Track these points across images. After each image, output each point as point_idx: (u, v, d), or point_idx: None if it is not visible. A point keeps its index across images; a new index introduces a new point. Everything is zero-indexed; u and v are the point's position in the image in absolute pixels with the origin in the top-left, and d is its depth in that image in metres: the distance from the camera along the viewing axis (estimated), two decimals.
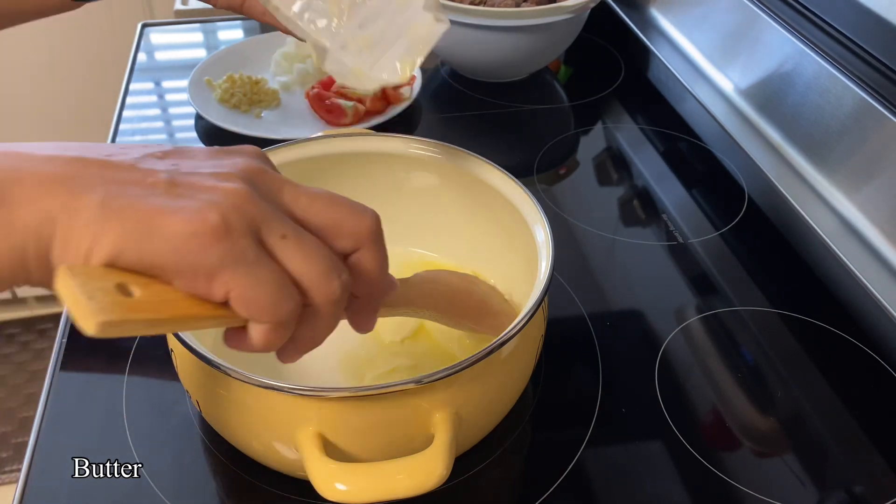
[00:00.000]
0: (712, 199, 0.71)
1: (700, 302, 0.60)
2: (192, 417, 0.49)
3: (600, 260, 0.64)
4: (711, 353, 0.55)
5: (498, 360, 0.41)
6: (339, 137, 0.54)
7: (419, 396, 0.38)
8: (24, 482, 0.45)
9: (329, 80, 0.82)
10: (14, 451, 1.42)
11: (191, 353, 0.38)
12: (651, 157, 0.77)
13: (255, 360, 0.50)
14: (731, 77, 0.76)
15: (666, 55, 0.85)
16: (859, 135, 0.59)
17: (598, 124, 0.83)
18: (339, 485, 0.35)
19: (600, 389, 0.52)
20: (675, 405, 0.51)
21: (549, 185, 0.72)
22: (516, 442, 0.48)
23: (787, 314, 0.58)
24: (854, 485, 0.47)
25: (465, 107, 0.85)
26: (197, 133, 0.78)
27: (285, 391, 0.36)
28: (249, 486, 0.45)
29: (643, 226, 0.68)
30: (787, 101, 0.67)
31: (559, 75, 0.94)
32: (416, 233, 0.58)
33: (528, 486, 0.46)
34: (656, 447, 0.48)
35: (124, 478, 0.45)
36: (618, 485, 0.46)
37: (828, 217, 0.60)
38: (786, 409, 0.51)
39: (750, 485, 0.46)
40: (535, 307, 0.40)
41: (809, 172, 0.64)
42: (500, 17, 0.77)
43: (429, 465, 0.36)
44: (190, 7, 1.04)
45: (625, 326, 0.57)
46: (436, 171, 0.54)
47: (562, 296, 0.59)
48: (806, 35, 0.66)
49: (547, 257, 0.44)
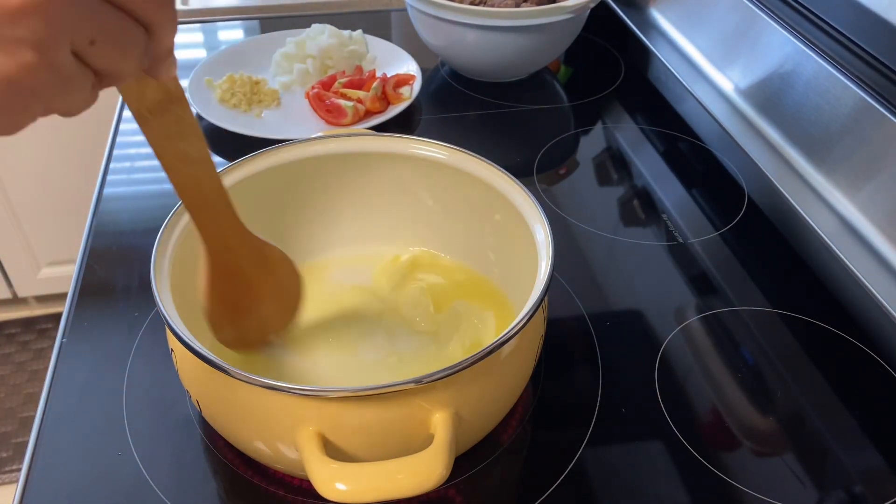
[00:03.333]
0: (712, 199, 0.71)
1: (700, 302, 0.60)
2: (192, 417, 0.49)
3: (600, 260, 0.64)
4: (711, 353, 0.55)
5: (498, 360, 0.41)
6: (339, 137, 0.54)
7: (419, 396, 0.38)
8: (24, 482, 0.45)
9: (329, 80, 0.82)
10: (14, 451, 1.42)
11: (191, 353, 0.38)
12: (651, 157, 0.77)
13: (255, 360, 0.50)
14: (731, 77, 0.76)
15: (666, 55, 0.85)
16: (859, 135, 0.59)
17: (598, 124, 0.83)
18: (339, 485, 0.35)
19: (600, 389, 0.52)
20: (675, 405, 0.51)
21: (549, 185, 0.72)
22: (516, 442, 0.48)
23: (787, 314, 0.58)
24: (854, 485, 0.47)
25: (465, 107, 0.85)
26: None
27: (285, 391, 0.36)
28: (249, 486, 0.45)
29: (643, 226, 0.68)
30: (787, 101, 0.67)
31: (559, 75, 0.94)
32: (416, 233, 0.58)
33: (528, 486, 0.46)
34: (656, 447, 0.48)
35: (124, 477, 0.45)
36: (618, 485, 0.46)
37: (828, 217, 0.60)
38: (786, 409, 0.51)
39: (750, 485, 0.46)
40: (535, 307, 0.40)
41: (809, 172, 0.64)
42: (500, 17, 0.78)
43: (429, 465, 0.36)
44: (190, 7, 1.04)
45: (625, 326, 0.57)
46: (436, 171, 0.54)
47: (562, 296, 0.59)
48: (806, 35, 0.66)
49: (547, 257, 0.44)
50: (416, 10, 0.83)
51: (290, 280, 0.48)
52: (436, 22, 0.82)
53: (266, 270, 0.46)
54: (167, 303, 0.41)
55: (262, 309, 0.47)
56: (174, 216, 0.46)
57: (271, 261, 0.46)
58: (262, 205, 0.53)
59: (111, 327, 0.55)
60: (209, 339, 0.50)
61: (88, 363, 0.52)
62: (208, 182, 0.40)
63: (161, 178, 0.73)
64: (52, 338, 1.63)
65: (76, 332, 0.55)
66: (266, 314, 0.48)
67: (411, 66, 0.85)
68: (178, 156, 0.38)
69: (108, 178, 0.71)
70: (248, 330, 0.47)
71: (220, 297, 0.44)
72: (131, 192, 0.70)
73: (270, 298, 0.47)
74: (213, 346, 0.50)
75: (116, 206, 0.68)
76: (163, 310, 0.40)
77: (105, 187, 0.70)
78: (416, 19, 0.86)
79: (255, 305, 0.47)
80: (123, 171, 0.73)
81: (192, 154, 0.38)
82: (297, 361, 0.50)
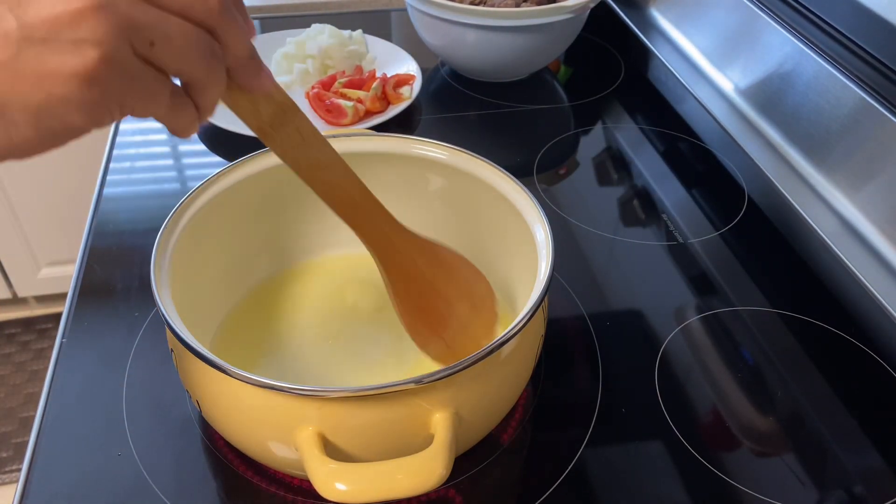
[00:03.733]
0: (712, 199, 0.71)
1: (700, 302, 0.60)
2: (192, 417, 0.49)
3: (600, 260, 0.64)
4: (711, 353, 0.55)
5: (498, 360, 0.41)
6: (339, 137, 0.54)
7: (419, 396, 0.38)
8: (24, 482, 0.45)
9: (329, 80, 0.82)
10: (14, 451, 1.42)
11: (191, 353, 0.38)
12: (651, 157, 0.77)
13: (255, 360, 0.50)
14: (731, 77, 0.76)
15: (666, 55, 0.85)
16: (859, 135, 0.59)
17: (598, 124, 0.83)
18: (339, 485, 0.35)
19: (600, 389, 0.52)
20: (675, 405, 0.51)
21: (549, 185, 0.72)
22: (516, 442, 0.48)
23: (787, 314, 0.58)
24: (854, 485, 0.47)
25: (465, 107, 0.85)
26: (197, 133, 0.78)
27: (285, 391, 0.36)
28: (249, 486, 0.45)
29: (643, 226, 0.68)
30: (787, 101, 0.67)
31: (559, 75, 0.94)
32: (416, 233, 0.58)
33: (528, 486, 0.46)
34: (656, 447, 0.48)
35: (124, 477, 0.45)
36: (618, 485, 0.46)
37: (828, 217, 0.60)
38: (786, 409, 0.51)
39: (750, 485, 0.46)
40: (535, 307, 0.40)
41: (809, 172, 0.64)
42: (500, 17, 0.77)
43: (429, 465, 0.36)
44: None
45: (625, 326, 0.57)
46: (436, 171, 0.54)
47: (562, 296, 0.59)
48: (806, 35, 0.66)
49: (547, 257, 0.44)
50: (416, 9, 0.83)
51: (473, 275, 0.46)
52: (436, 22, 0.82)
53: (444, 269, 0.45)
54: (167, 303, 0.41)
55: (458, 311, 0.45)
56: (174, 216, 0.46)
57: (446, 260, 0.45)
58: (263, 205, 0.54)
59: (111, 327, 0.55)
60: (209, 340, 0.50)
61: (88, 363, 0.52)
62: (348, 184, 0.40)
63: (161, 177, 0.73)
64: (52, 338, 1.63)
65: (76, 332, 0.55)
66: (464, 317, 0.46)
67: (411, 66, 0.85)
68: (311, 165, 0.38)
69: (108, 178, 0.71)
70: (454, 338, 0.46)
71: (411, 305, 0.44)
72: (131, 192, 0.70)
73: (461, 298, 0.45)
74: (213, 346, 0.50)
75: (116, 206, 0.68)
76: (163, 310, 0.40)
77: (105, 187, 0.70)
78: (416, 19, 0.86)
79: (450, 308, 0.45)
80: (123, 171, 0.73)
81: (322, 160, 0.39)
82: (297, 361, 0.50)
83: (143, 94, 0.28)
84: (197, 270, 0.48)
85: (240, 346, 0.51)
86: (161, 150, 0.77)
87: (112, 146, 0.76)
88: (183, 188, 0.72)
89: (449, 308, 0.45)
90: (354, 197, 0.40)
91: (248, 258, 0.54)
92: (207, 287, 0.50)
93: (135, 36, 0.27)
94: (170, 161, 0.76)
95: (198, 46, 0.29)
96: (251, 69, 0.33)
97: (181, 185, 0.73)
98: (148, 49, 0.28)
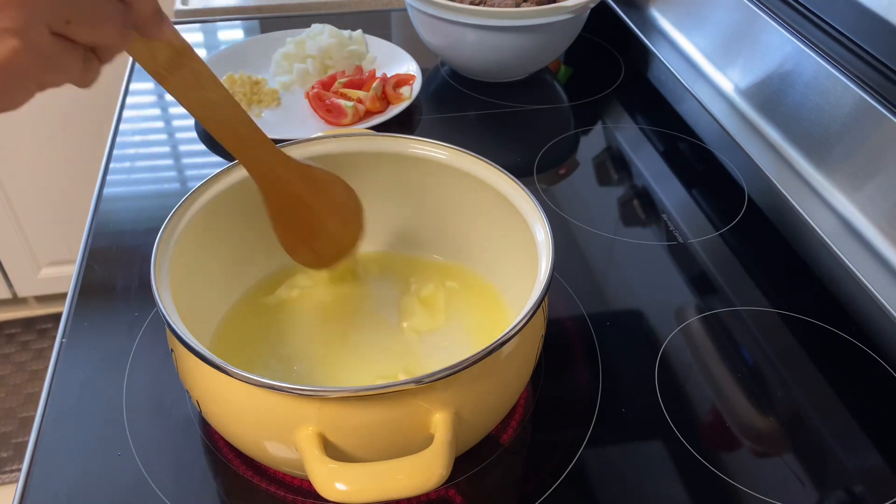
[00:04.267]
0: (712, 199, 0.71)
1: (700, 302, 0.60)
2: (192, 417, 0.49)
3: (600, 260, 0.64)
4: (711, 353, 0.55)
5: (498, 360, 0.41)
6: (339, 137, 0.54)
7: (419, 396, 0.38)
8: (24, 482, 0.45)
9: (329, 80, 0.82)
10: (14, 451, 1.42)
11: (191, 353, 0.38)
12: (651, 157, 0.77)
13: (255, 360, 0.50)
14: (731, 77, 0.76)
15: (666, 55, 0.85)
16: (859, 135, 0.59)
17: (598, 124, 0.83)
18: (339, 485, 0.35)
19: (600, 389, 0.52)
20: (675, 405, 0.51)
21: (549, 185, 0.73)
22: (516, 442, 0.48)
23: (787, 314, 0.58)
24: (854, 485, 0.47)
25: (465, 107, 0.85)
26: (197, 133, 0.78)
27: (285, 391, 0.36)
28: (249, 486, 0.45)
29: (643, 226, 0.68)
30: (787, 101, 0.67)
31: (559, 75, 0.94)
32: (416, 233, 0.58)
33: (528, 486, 0.46)
34: (656, 447, 0.48)
35: (124, 477, 0.45)
36: (618, 485, 0.46)
37: (828, 217, 0.60)
38: (786, 409, 0.51)
39: (750, 485, 0.46)
40: (535, 307, 0.40)
41: (809, 172, 0.64)
42: (500, 17, 0.78)
43: (429, 465, 0.36)
44: (190, 7, 1.04)
45: (625, 326, 0.57)
46: (436, 171, 0.54)
47: (562, 296, 0.59)
48: (806, 35, 0.66)
49: (547, 257, 0.44)
50: (416, 9, 0.83)
51: (346, 195, 0.51)
52: (436, 22, 0.82)
53: (319, 189, 0.49)
54: (167, 303, 0.41)
55: (328, 225, 0.51)
56: (174, 216, 0.46)
57: (322, 180, 0.49)
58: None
59: (111, 327, 0.55)
60: (209, 340, 0.50)
61: (88, 363, 0.52)
62: (238, 121, 0.43)
63: (161, 178, 0.73)
64: (52, 338, 1.63)
65: (76, 332, 0.55)
66: (334, 230, 0.51)
67: (411, 66, 0.85)
68: (203, 104, 0.41)
69: (108, 178, 0.71)
70: (323, 247, 0.51)
71: (286, 223, 0.48)
72: (131, 192, 0.70)
73: (333, 214, 0.51)
74: (212, 346, 0.50)
75: (116, 206, 0.68)
76: (163, 310, 0.40)
77: (105, 187, 0.70)
78: (416, 19, 0.86)
79: (321, 223, 0.50)
80: (123, 171, 0.73)
81: (214, 99, 0.41)
82: (297, 361, 0.50)
83: (59, 69, 0.30)
84: (197, 270, 0.48)
85: (240, 346, 0.51)
86: (161, 150, 0.77)
87: (112, 146, 0.76)
88: (183, 188, 0.72)
89: (321, 222, 0.50)
90: (241, 132, 0.44)
91: (248, 258, 0.54)
92: (207, 287, 0.50)
93: (51, 17, 0.28)
94: (170, 161, 0.76)
95: (110, 17, 0.30)
96: (154, 23, 0.34)
97: (181, 185, 0.73)
98: (64, 27, 0.29)
